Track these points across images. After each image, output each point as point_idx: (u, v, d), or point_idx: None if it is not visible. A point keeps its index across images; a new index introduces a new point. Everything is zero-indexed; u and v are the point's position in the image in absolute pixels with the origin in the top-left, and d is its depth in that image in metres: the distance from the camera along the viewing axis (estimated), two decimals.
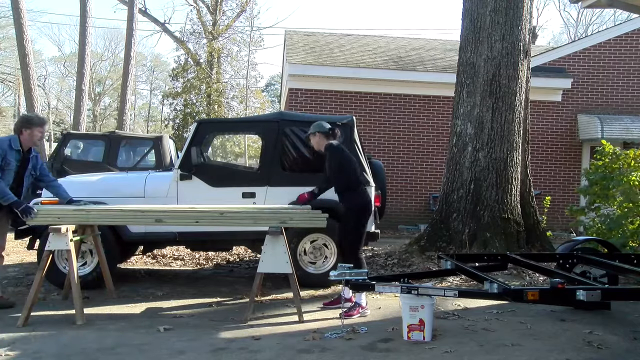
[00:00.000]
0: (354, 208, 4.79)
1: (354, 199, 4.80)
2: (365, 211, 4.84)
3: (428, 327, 4.00)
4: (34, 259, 6.58)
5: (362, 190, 4.90)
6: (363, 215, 4.84)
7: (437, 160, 12.04)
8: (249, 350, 3.82)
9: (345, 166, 4.80)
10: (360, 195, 4.84)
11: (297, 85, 12.15)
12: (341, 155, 4.82)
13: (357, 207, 4.79)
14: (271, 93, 39.56)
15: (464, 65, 7.47)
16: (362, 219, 4.83)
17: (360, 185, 4.89)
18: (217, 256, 7.89)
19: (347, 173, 4.79)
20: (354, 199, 4.80)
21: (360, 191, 4.86)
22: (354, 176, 4.82)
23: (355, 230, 4.79)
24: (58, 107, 42.28)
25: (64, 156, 9.88)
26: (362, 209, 4.82)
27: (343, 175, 4.79)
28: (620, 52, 12.44)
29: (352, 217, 4.79)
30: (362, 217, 4.84)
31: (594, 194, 7.13)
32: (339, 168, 4.77)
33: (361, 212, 4.82)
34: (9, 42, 32.82)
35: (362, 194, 4.86)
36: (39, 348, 3.81)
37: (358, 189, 4.84)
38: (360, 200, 4.82)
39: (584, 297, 3.65)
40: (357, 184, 4.85)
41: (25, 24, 16.61)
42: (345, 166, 4.79)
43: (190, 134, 6.00)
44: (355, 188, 4.83)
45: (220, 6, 26.06)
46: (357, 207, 4.79)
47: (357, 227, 4.79)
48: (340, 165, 4.78)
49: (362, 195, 4.85)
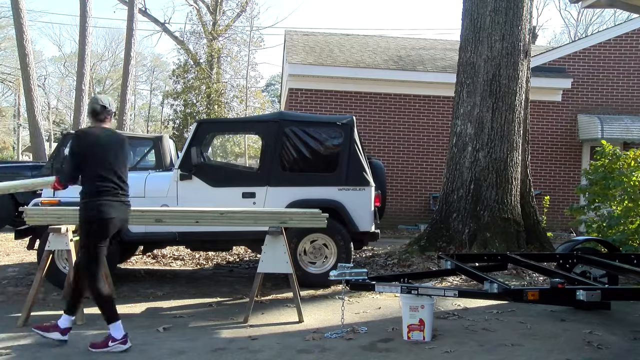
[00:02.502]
0: None
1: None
2: None
3: (428, 327, 4.00)
4: (34, 259, 6.58)
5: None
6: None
7: (437, 160, 12.04)
8: (249, 350, 3.82)
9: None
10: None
11: (297, 85, 12.15)
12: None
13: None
14: (271, 93, 39.54)
15: (464, 65, 7.47)
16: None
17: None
18: (217, 256, 7.89)
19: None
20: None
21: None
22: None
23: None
24: (58, 107, 42.31)
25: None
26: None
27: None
28: (620, 52, 12.44)
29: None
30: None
31: (594, 194, 7.13)
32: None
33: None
34: (9, 42, 32.83)
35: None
36: (39, 348, 3.82)
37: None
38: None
39: (584, 297, 3.66)
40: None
41: (25, 24, 16.61)
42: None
43: (190, 134, 6.01)
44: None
45: (220, 6, 26.06)
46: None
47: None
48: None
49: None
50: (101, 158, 3.76)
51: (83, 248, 3.84)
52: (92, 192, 3.74)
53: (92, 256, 3.81)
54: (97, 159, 3.75)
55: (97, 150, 3.76)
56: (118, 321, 3.77)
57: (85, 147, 3.76)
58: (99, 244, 3.82)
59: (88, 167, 3.74)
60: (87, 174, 3.76)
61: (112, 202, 3.77)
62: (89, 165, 3.74)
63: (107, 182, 3.76)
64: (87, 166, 3.74)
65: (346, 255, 5.82)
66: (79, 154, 3.77)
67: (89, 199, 3.74)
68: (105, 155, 3.79)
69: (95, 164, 3.74)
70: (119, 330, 3.76)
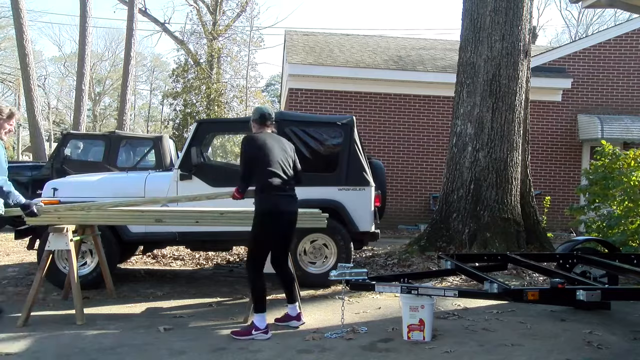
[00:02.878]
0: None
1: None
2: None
3: (428, 327, 4.00)
4: (34, 259, 6.58)
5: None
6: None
7: (437, 160, 12.04)
8: (249, 350, 3.82)
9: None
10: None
11: (297, 85, 12.15)
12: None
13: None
14: (271, 93, 39.55)
15: (464, 65, 7.47)
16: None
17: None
18: (217, 256, 7.89)
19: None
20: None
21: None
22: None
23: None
24: (58, 107, 42.32)
25: (63, 156, 9.87)
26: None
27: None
28: (620, 52, 12.44)
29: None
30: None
31: (594, 194, 7.13)
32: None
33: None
34: (9, 42, 32.85)
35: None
36: (38, 348, 3.82)
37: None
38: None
39: (584, 297, 3.66)
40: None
41: (25, 24, 16.62)
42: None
43: (190, 134, 6.01)
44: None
45: (220, 6, 26.05)
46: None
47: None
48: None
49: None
50: (270, 157, 4.12)
51: (252, 241, 4.20)
52: (264, 188, 4.09)
53: (259, 249, 4.18)
54: (267, 159, 4.10)
55: (267, 151, 4.12)
56: (264, 313, 4.10)
57: (257, 149, 4.12)
58: (269, 237, 4.17)
59: (260, 167, 4.09)
60: (260, 172, 4.10)
61: (282, 195, 4.13)
62: (260, 165, 4.09)
63: (276, 178, 4.11)
64: (259, 166, 4.09)
65: (346, 255, 5.82)
66: (251, 156, 4.13)
67: (262, 194, 4.11)
68: (274, 154, 4.14)
69: (265, 163, 4.09)
70: (263, 321, 4.10)
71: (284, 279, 4.42)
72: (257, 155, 4.11)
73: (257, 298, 4.13)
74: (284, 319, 4.46)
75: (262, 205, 4.12)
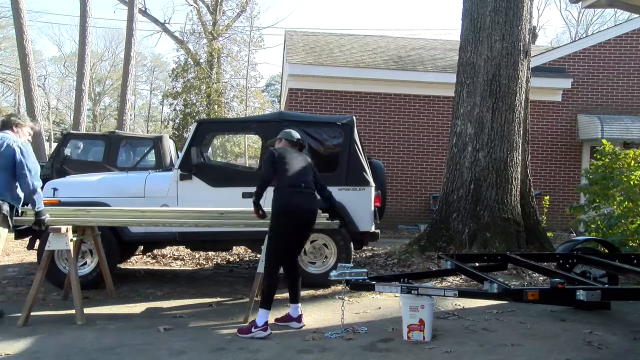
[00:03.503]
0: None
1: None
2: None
3: (428, 327, 4.00)
4: (34, 259, 6.59)
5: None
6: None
7: (437, 160, 12.04)
8: (249, 350, 3.82)
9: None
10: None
11: (297, 85, 12.15)
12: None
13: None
14: (271, 93, 39.53)
15: (464, 65, 7.47)
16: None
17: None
18: (217, 256, 7.89)
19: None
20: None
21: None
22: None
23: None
24: (58, 107, 42.28)
25: (63, 156, 9.87)
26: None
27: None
28: (620, 52, 12.44)
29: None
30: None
31: (594, 193, 7.13)
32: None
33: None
34: (9, 42, 32.82)
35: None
36: (38, 348, 3.82)
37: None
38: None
39: (584, 297, 3.65)
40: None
41: (25, 24, 16.63)
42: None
43: (190, 134, 6.01)
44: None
45: (220, 6, 26.03)
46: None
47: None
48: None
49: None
50: (290, 163, 4.32)
51: (272, 239, 4.30)
52: (282, 188, 4.26)
53: (279, 246, 4.26)
54: (288, 165, 4.30)
55: (288, 159, 4.34)
56: (268, 311, 4.15)
57: (279, 156, 4.33)
58: (288, 230, 4.25)
59: (280, 170, 4.28)
60: (279, 174, 4.29)
61: (298, 192, 4.26)
62: (280, 168, 4.28)
63: (295, 178, 4.29)
64: (278, 169, 4.28)
65: (346, 255, 5.82)
66: (272, 162, 4.31)
67: (280, 193, 4.27)
68: (294, 162, 4.35)
69: (285, 165, 4.29)
70: (263, 319, 4.13)
71: (291, 278, 4.44)
72: (278, 161, 4.29)
73: (268, 293, 4.19)
74: (284, 319, 4.47)
75: (278, 202, 4.26)
